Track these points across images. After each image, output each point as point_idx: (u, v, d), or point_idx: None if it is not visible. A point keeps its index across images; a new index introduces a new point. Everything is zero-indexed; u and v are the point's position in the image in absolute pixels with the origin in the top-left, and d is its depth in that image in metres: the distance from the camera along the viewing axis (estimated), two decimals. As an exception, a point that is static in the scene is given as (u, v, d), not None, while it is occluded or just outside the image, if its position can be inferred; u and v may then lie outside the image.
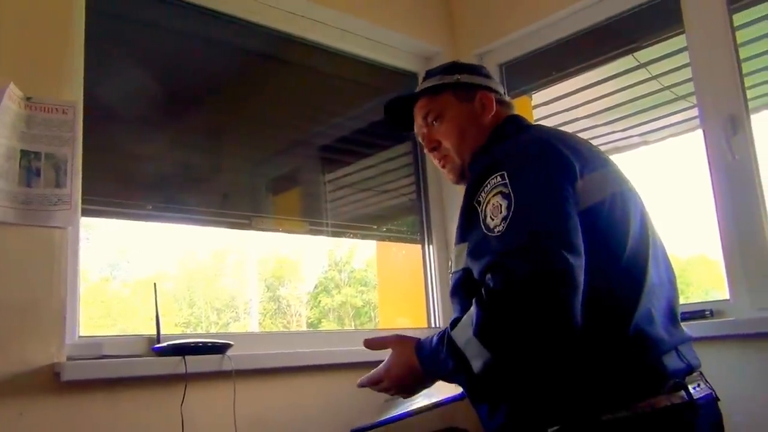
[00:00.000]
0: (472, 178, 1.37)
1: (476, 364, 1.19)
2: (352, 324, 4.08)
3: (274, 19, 2.27)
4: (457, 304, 1.35)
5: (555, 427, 1.18)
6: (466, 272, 1.28)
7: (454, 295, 1.36)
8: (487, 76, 1.61)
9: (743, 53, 1.97)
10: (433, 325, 2.52)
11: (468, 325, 1.19)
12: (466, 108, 1.53)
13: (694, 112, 2.06)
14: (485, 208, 1.25)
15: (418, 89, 1.62)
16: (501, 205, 1.21)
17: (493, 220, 1.21)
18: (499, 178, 1.24)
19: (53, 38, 1.69)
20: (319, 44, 2.42)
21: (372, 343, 1.51)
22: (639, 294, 1.23)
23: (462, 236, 1.33)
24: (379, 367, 1.46)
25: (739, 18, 1.98)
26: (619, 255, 1.24)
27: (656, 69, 2.39)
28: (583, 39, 2.36)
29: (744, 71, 1.94)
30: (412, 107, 1.63)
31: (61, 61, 1.70)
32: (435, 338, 1.31)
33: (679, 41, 2.13)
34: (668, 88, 2.44)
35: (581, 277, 1.13)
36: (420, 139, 1.63)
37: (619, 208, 1.29)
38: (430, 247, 2.58)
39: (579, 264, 1.13)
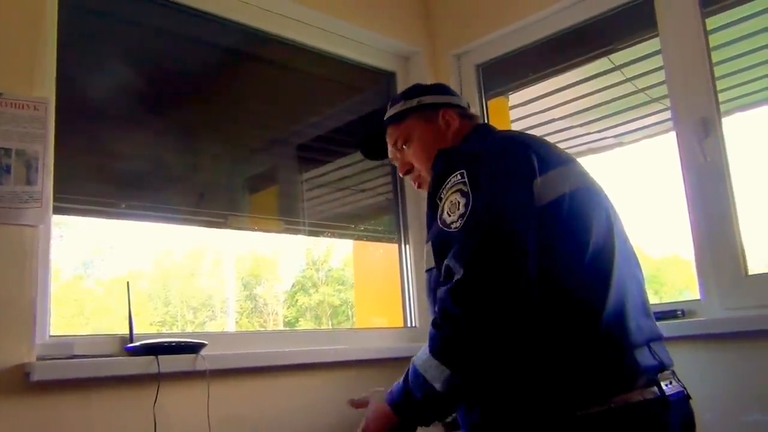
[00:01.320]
0: (434, 175, 1.40)
1: (438, 385, 1.20)
2: (330, 323, 4.07)
3: (252, 16, 2.26)
4: (431, 303, 1.36)
5: (530, 424, 1.20)
6: (435, 269, 1.30)
7: (429, 295, 1.38)
8: (450, 93, 1.66)
9: (716, 57, 2.00)
10: (409, 324, 2.52)
11: (425, 348, 1.23)
12: (430, 128, 1.58)
13: (668, 114, 2.08)
14: (444, 204, 1.28)
15: (385, 118, 1.68)
16: (459, 203, 1.24)
17: (450, 216, 1.25)
18: (459, 176, 1.28)
19: (24, 33, 1.66)
20: (297, 43, 2.41)
21: (356, 403, 1.56)
22: (607, 289, 1.25)
23: (428, 234, 1.36)
24: (359, 423, 1.44)
25: (712, 22, 2.01)
26: (583, 250, 1.26)
27: (631, 71, 2.42)
28: (560, 41, 2.38)
29: (716, 74, 1.97)
30: (384, 137, 1.69)
31: (33, 56, 1.67)
32: (401, 378, 1.31)
33: (653, 44, 2.16)
34: (642, 90, 2.47)
35: (530, 279, 1.16)
36: (396, 163, 1.69)
37: (580, 203, 1.30)
38: (407, 246, 2.58)
39: (528, 267, 1.17)
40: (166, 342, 1.71)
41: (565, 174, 1.33)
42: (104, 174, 1.93)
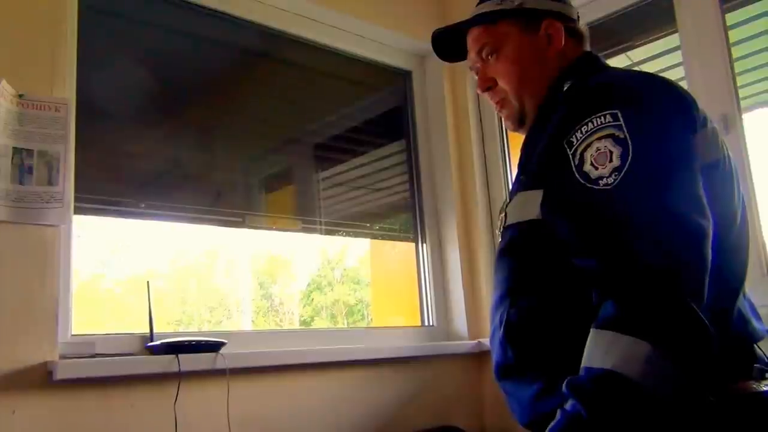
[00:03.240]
0: (564, 111, 1.10)
1: (666, 387, 0.88)
2: (345, 322, 4.08)
3: (268, 16, 2.26)
4: (504, 267, 1.14)
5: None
6: (531, 226, 1.07)
7: (505, 255, 1.14)
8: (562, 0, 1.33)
9: (736, 52, 1.98)
10: (426, 323, 2.52)
11: (603, 350, 0.91)
12: (528, 40, 1.28)
13: (687, 111, 2.06)
14: (584, 152, 1.00)
15: (471, 15, 1.35)
16: (612, 153, 0.97)
17: (597, 169, 0.98)
18: (609, 117, 1.00)
19: (46, 35, 1.68)
20: (312, 42, 2.41)
21: None
22: (744, 269, 1.08)
23: (533, 182, 1.10)
24: None
25: (732, 17, 1.99)
26: (729, 226, 1.07)
27: (649, 68, 2.39)
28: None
29: (736, 70, 1.95)
30: (465, 36, 1.37)
31: (54, 58, 1.69)
32: (559, 414, 0.93)
33: (672, 40, 2.14)
34: (661, 87, 2.44)
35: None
36: (474, 75, 1.38)
37: (728, 171, 1.10)
38: (424, 245, 2.58)
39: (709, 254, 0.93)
40: (186, 341, 1.72)
41: (717, 134, 1.11)
42: (122, 174, 1.95)
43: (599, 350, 0.90)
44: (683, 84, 2.08)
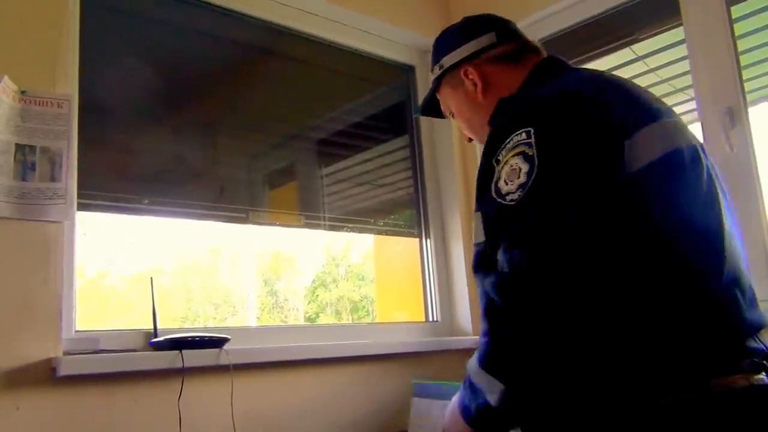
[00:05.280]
0: (492, 131, 1.15)
1: (492, 398, 1.03)
2: (350, 318, 4.08)
3: (271, 12, 2.26)
4: (478, 282, 1.16)
5: (609, 413, 0.99)
6: (485, 246, 1.09)
7: (475, 273, 1.16)
8: (475, 34, 1.38)
9: (741, 45, 1.96)
10: (431, 319, 2.51)
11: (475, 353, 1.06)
12: (461, 93, 1.37)
13: (692, 104, 2.05)
14: (501, 169, 1.05)
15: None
16: (520, 169, 1.01)
17: (507, 185, 1.02)
18: (524, 135, 1.03)
19: (48, 31, 1.68)
20: (315, 37, 2.41)
21: None
22: (721, 262, 1.05)
23: (477, 203, 1.14)
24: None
25: (737, 10, 1.97)
26: (697, 209, 1.06)
27: (654, 62, 2.38)
28: (581, 31, 2.35)
29: (742, 63, 1.93)
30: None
31: (56, 54, 1.68)
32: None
33: (676, 34, 2.13)
34: (666, 80, 2.43)
35: (593, 274, 0.97)
36: None
37: (677, 169, 1.07)
38: (428, 240, 2.58)
39: (594, 259, 0.97)
40: (190, 337, 1.72)
41: (658, 132, 1.08)
42: (126, 170, 1.94)
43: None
44: (688, 79, 2.08)
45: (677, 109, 2.51)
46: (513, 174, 1.02)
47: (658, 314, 0.98)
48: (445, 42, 1.43)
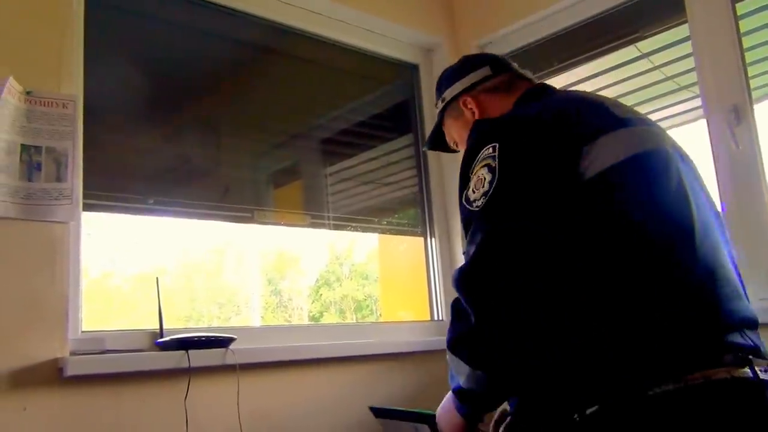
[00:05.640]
0: (467, 147, 1.26)
1: (461, 380, 1.15)
2: (354, 317, 4.07)
3: (274, 11, 2.26)
4: None
5: (593, 408, 1.00)
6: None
7: None
8: (470, 68, 1.51)
9: (746, 42, 1.96)
10: (436, 318, 2.51)
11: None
12: (462, 123, 1.50)
13: (697, 102, 2.05)
14: (472, 179, 1.17)
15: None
16: (485, 179, 1.12)
17: (474, 192, 1.14)
18: (491, 149, 1.15)
19: (53, 32, 1.68)
20: (319, 36, 2.40)
21: None
22: (694, 254, 1.07)
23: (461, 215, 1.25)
24: None
25: (742, 7, 1.97)
26: (674, 206, 1.11)
27: (659, 59, 2.37)
28: (586, 29, 2.35)
29: (747, 61, 1.93)
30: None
31: (61, 54, 1.69)
32: None
33: (681, 31, 2.12)
34: (671, 78, 2.42)
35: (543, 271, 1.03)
36: None
37: (640, 171, 1.13)
38: (432, 239, 2.57)
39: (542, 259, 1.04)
40: (196, 337, 1.72)
41: (619, 139, 1.14)
42: (130, 170, 1.94)
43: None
44: (693, 76, 2.07)
45: (682, 107, 2.52)
46: (479, 183, 1.13)
47: (623, 309, 1.02)
48: (446, 78, 1.57)
